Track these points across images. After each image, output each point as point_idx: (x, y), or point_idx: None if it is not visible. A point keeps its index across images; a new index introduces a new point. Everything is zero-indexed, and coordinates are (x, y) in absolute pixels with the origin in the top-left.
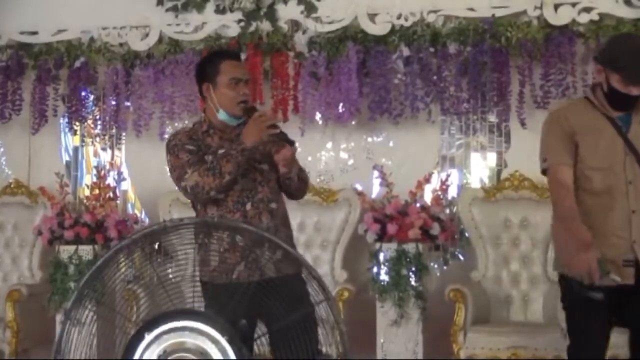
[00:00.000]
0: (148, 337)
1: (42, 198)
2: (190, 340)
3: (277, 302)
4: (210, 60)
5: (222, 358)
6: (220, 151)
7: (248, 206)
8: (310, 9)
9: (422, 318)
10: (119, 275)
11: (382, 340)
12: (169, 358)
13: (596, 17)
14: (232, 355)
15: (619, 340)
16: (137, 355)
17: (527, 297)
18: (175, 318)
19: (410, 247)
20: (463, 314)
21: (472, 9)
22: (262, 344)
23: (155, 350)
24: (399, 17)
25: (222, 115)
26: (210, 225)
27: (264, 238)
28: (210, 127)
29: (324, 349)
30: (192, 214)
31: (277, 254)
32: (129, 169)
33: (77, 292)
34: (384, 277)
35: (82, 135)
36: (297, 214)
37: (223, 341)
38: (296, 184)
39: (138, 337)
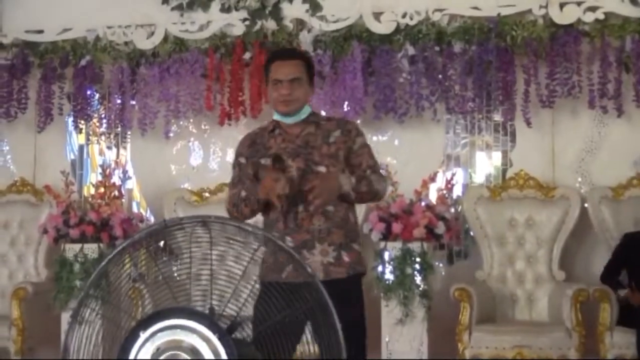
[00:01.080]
0: (143, 336)
1: (48, 196)
2: (182, 338)
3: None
4: (266, 62)
5: (212, 356)
6: (243, 194)
7: (301, 207)
8: (315, 7)
9: (427, 317)
10: (124, 274)
11: (387, 339)
12: (162, 357)
13: (602, 16)
14: (222, 352)
15: (623, 341)
16: (132, 354)
17: (532, 296)
18: (168, 316)
19: (415, 246)
20: (468, 313)
21: (477, 8)
22: (309, 343)
23: (150, 349)
24: (404, 16)
25: (275, 115)
26: (208, 224)
27: (269, 239)
28: (276, 127)
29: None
30: (196, 212)
31: (328, 257)
32: (134, 167)
33: (84, 292)
34: (389, 276)
35: (88, 134)
36: None
37: (214, 339)
38: (353, 199)
39: (133, 336)
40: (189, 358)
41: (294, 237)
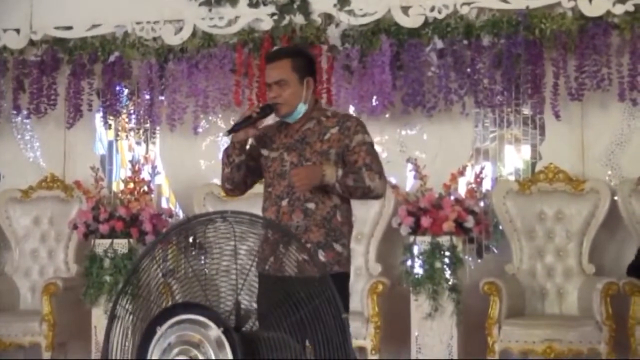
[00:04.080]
0: (159, 332)
1: (78, 192)
2: (191, 332)
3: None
4: None
5: (217, 350)
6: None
7: (284, 202)
8: (343, 2)
9: (456, 311)
10: (153, 269)
11: (416, 334)
12: (172, 352)
13: (631, 8)
14: (227, 346)
15: None
16: (150, 349)
17: (562, 290)
18: (180, 312)
19: (444, 240)
20: (498, 307)
21: (505, 1)
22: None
23: (163, 345)
24: (432, 9)
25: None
26: (226, 218)
27: (290, 234)
28: (282, 123)
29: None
30: (225, 207)
31: (303, 255)
32: (163, 162)
33: (119, 292)
34: (418, 270)
35: (117, 130)
36: None
37: (219, 333)
38: (340, 192)
39: (150, 332)
40: (196, 353)
41: (273, 231)
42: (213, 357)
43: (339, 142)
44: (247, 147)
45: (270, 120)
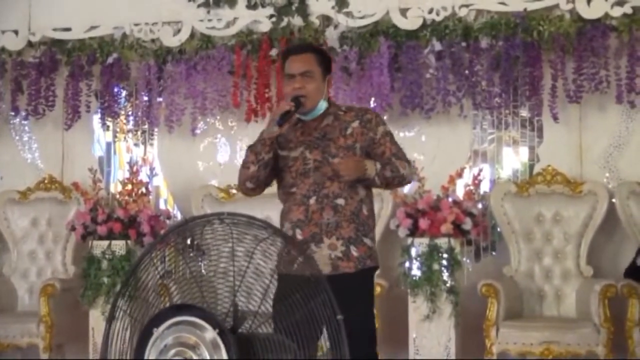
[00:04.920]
0: (156, 333)
1: (76, 193)
2: (187, 334)
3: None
4: (282, 59)
5: (213, 351)
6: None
7: (312, 200)
8: (341, 4)
9: (454, 313)
10: (153, 272)
11: (414, 336)
12: (169, 354)
13: (629, 10)
14: (222, 347)
15: None
16: (147, 350)
17: (559, 292)
18: (177, 313)
19: (442, 242)
20: (495, 309)
21: (503, 3)
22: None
23: (159, 346)
24: (430, 11)
25: None
26: (223, 219)
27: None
28: (300, 120)
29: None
30: (223, 208)
31: (336, 252)
32: (161, 164)
33: (117, 293)
34: (416, 272)
35: (115, 131)
36: None
37: (215, 334)
38: (379, 185)
39: (147, 333)
40: (192, 354)
41: (303, 230)
42: (208, 358)
43: (363, 135)
44: None
45: None
